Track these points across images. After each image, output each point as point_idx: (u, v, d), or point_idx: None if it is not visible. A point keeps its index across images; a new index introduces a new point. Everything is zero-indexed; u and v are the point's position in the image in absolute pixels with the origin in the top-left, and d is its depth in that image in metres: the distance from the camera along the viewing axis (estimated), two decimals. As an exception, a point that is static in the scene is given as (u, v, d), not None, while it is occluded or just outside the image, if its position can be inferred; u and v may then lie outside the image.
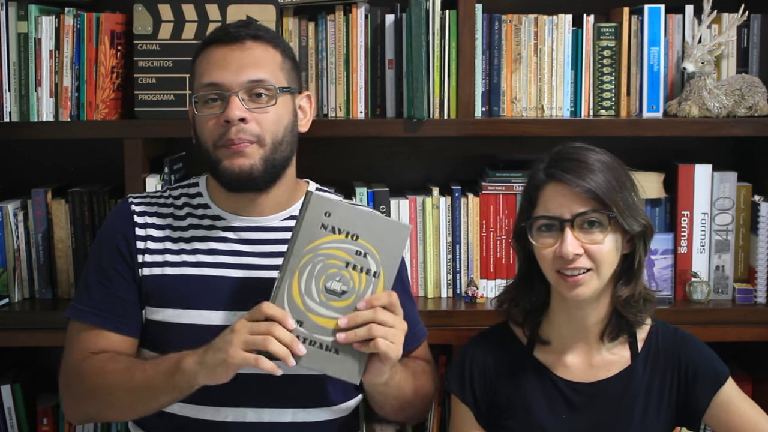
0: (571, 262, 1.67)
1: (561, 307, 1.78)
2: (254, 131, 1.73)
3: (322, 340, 1.60)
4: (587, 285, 1.68)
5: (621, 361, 1.77)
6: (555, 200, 1.69)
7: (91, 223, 2.28)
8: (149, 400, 1.69)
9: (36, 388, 2.40)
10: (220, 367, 1.57)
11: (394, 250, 1.63)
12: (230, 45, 1.76)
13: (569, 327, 1.77)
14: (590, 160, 1.70)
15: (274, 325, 1.56)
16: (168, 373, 1.64)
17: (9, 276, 2.26)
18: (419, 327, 1.92)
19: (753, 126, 2.23)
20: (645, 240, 1.73)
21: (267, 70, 1.76)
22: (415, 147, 2.48)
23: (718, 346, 2.35)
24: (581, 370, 1.77)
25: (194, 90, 1.80)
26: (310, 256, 1.59)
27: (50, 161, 2.47)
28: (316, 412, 1.79)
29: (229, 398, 1.73)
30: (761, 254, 2.25)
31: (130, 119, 2.23)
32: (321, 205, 1.60)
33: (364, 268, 1.61)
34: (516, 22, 2.28)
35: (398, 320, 1.62)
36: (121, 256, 1.79)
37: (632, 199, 1.71)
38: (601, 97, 2.31)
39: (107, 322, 1.77)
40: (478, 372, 1.80)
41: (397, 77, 2.28)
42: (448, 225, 2.30)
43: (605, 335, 1.76)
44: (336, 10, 2.27)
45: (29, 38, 2.16)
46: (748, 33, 2.31)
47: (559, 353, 1.78)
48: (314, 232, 1.59)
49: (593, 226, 1.68)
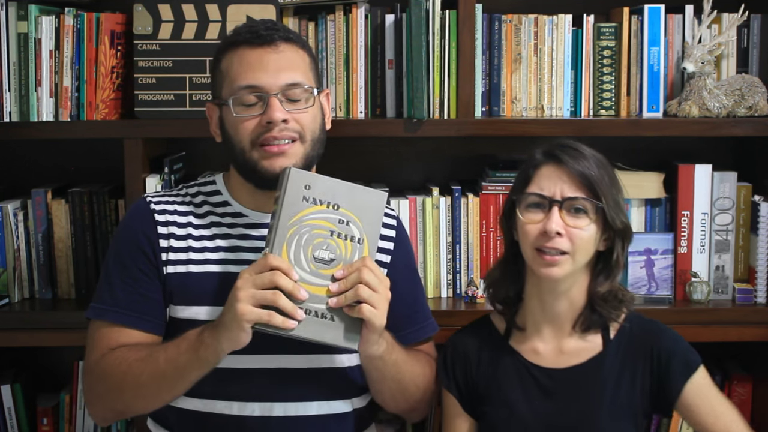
0: (551, 240, 1.73)
1: (535, 293, 1.83)
2: (295, 128, 1.76)
3: (317, 308, 1.63)
4: (560, 267, 1.74)
5: (592, 348, 1.81)
6: (550, 180, 1.76)
7: (91, 223, 2.28)
8: (177, 381, 1.70)
9: (36, 388, 2.40)
10: (236, 329, 1.59)
11: (373, 217, 1.68)
12: (264, 47, 1.77)
13: (542, 314, 1.82)
14: (587, 153, 1.78)
15: (278, 275, 1.58)
16: (192, 349, 1.65)
17: (9, 276, 2.26)
18: (429, 321, 1.94)
19: (753, 126, 2.23)
20: (624, 241, 1.80)
21: (301, 72, 1.79)
22: (415, 147, 2.48)
23: (718, 346, 2.37)
24: (553, 357, 1.82)
25: (225, 91, 1.79)
26: (296, 228, 1.63)
27: (50, 161, 2.47)
28: (339, 404, 1.81)
29: (256, 394, 1.75)
30: (761, 254, 2.25)
31: (130, 119, 2.23)
32: (300, 179, 1.64)
33: (348, 236, 1.66)
34: (516, 22, 2.28)
35: (381, 285, 1.65)
36: (145, 255, 1.79)
37: (619, 198, 1.79)
38: (601, 97, 2.32)
39: (130, 320, 1.77)
40: (459, 360, 1.86)
41: (397, 77, 2.28)
42: (448, 225, 2.30)
43: (577, 325, 1.81)
44: (336, 10, 2.27)
45: (29, 38, 2.16)
46: (748, 33, 2.31)
47: (532, 340, 1.84)
48: (297, 204, 1.63)
49: (579, 212, 1.75)
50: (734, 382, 2.33)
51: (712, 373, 2.33)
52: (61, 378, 2.43)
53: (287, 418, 1.76)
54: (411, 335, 1.88)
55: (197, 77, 2.20)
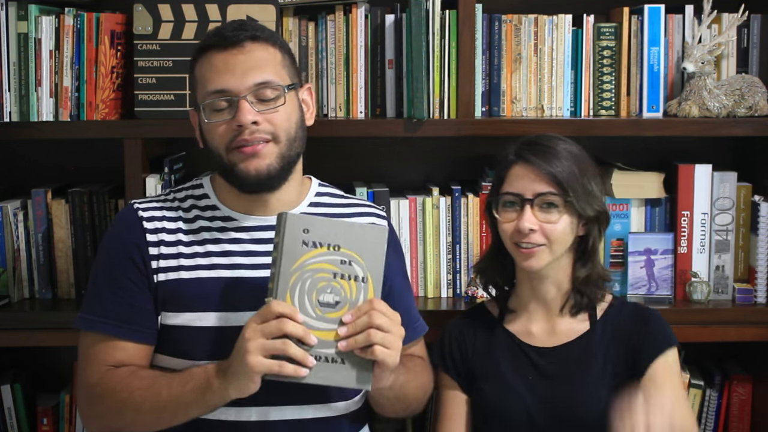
0: (526, 236, 1.83)
1: (525, 279, 1.93)
2: (268, 129, 1.74)
3: (326, 354, 1.60)
4: (538, 258, 1.85)
5: (581, 328, 1.91)
6: (520, 180, 1.85)
7: (91, 223, 2.28)
8: (178, 415, 1.69)
9: (36, 388, 2.40)
10: (244, 379, 1.58)
11: (375, 253, 1.65)
12: (230, 49, 1.74)
13: (532, 297, 1.93)
14: (558, 148, 1.86)
15: (285, 321, 1.56)
16: (198, 391, 1.64)
17: (9, 276, 2.26)
18: (419, 322, 1.94)
19: (753, 126, 2.23)
20: (599, 225, 1.89)
21: (270, 70, 1.76)
22: (415, 147, 2.48)
23: (718, 346, 2.37)
24: (545, 337, 1.91)
25: (198, 97, 1.78)
26: (298, 274, 1.60)
27: (50, 161, 2.47)
28: (337, 406, 1.80)
29: (252, 399, 1.72)
30: (761, 254, 2.25)
31: (130, 119, 2.23)
32: (298, 223, 1.62)
33: (351, 276, 1.63)
34: (516, 22, 2.28)
35: (394, 325, 1.63)
36: (135, 264, 1.77)
37: (591, 187, 1.86)
38: (601, 97, 2.31)
39: (123, 332, 1.75)
40: (455, 343, 1.96)
41: (397, 77, 2.28)
42: (448, 225, 2.30)
43: (565, 308, 1.91)
44: (336, 10, 2.27)
45: (29, 38, 2.16)
46: (748, 33, 2.31)
47: (524, 323, 1.94)
48: (297, 250, 1.61)
49: (551, 207, 1.84)
50: (734, 382, 2.33)
51: (712, 373, 2.34)
52: (61, 378, 2.43)
53: (285, 422, 1.75)
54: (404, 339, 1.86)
55: (197, 77, 2.20)
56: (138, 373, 1.73)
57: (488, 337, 1.94)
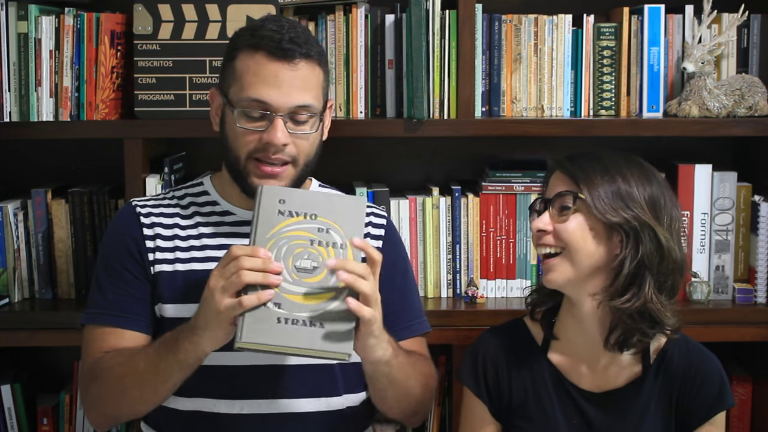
0: (538, 237, 1.71)
1: (566, 305, 1.77)
2: (291, 153, 1.74)
3: (304, 317, 1.58)
4: (557, 270, 1.68)
5: (632, 372, 1.75)
6: (551, 184, 1.75)
7: (91, 223, 2.28)
8: (159, 385, 1.69)
9: (36, 388, 2.40)
10: (214, 324, 1.57)
11: (355, 223, 1.64)
12: (281, 61, 1.72)
13: (573, 328, 1.76)
14: (600, 155, 1.73)
15: (243, 258, 1.55)
16: (171, 352, 1.64)
17: (9, 276, 2.26)
18: (419, 320, 1.92)
19: (753, 126, 2.23)
20: (638, 242, 1.64)
21: (312, 94, 1.75)
22: (415, 147, 2.48)
23: (718, 346, 2.36)
24: (591, 377, 1.76)
25: (232, 93, 1.75)
26: (274, 241, 1.60)
27: (50, 161, 2.47)
28: (332, 401, 1.81)
29: (244, 391, 1.74)
30: (761, 254, 2.25)
31: (130, 119, 2.23)
32: (274, 195, 1.62)
33: (329, 243, 1.62)
34: (516, 22, 2.28)
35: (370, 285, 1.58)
36: (132, 256, 1.80)
37: (627, 192, 1.66)
38: (601, 97, 2.31)
39: (122, 321, 1.77)
40: (491, 366, 1.79)
41: (397, 77, 2.28)
42: (448, 225, 2.30)
43: (609, 343, 1.70)
44: (336, 10, 2.27)
45: (29, 38, 2.16)
46: (748, 33, 2.31)
47: (570, 357, 1.77)
48: (272, 219, 1.61)
49: (565, 208, 1.69)
50: (734, 382, 2.33)
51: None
52: (61, 378, 2.43)
53: (279, 415, 1.76)
54: (397, 333, 1.82)
55: (197, 77, 2.20)
56: (119, 351, 1.74)
57: (530, 367, 1.77)
